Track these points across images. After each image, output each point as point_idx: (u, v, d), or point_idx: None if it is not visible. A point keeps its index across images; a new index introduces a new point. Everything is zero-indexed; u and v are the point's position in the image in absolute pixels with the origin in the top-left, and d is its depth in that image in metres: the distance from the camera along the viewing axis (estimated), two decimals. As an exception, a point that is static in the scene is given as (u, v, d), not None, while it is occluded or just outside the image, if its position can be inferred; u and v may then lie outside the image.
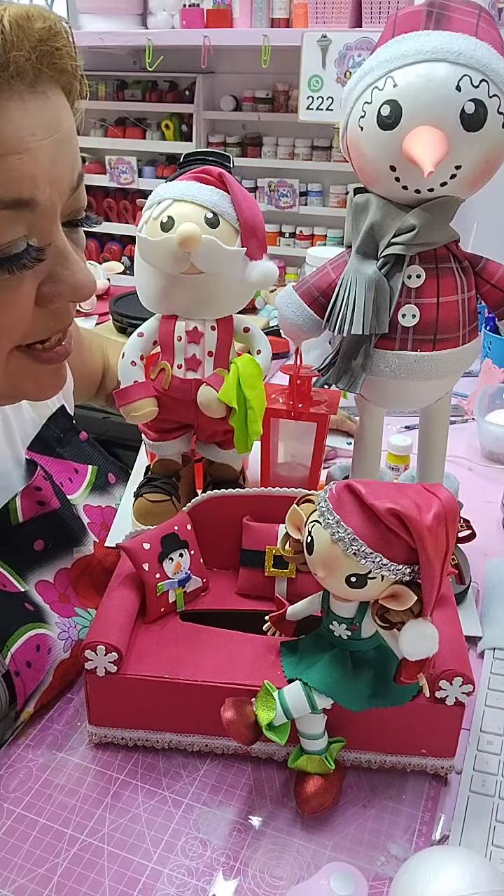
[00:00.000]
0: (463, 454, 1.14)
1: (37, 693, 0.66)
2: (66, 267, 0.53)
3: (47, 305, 0.54)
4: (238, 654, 0.64)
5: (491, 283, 0.70)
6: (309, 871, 0.55)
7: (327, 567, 0.53)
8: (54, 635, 0.67)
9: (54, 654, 0.67)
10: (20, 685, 0.63)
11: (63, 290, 0.53)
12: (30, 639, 0.65)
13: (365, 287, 0.66)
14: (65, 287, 0.53)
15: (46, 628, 0.67)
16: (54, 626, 0.68)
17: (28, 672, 0.64)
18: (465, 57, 0.59)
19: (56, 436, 0.81)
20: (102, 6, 1.92)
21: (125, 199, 2.17)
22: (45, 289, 0.53)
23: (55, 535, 0.73)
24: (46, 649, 0.66)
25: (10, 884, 0.54)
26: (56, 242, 0.52)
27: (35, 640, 0.65)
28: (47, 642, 0.66)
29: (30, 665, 0.64)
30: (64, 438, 0.82)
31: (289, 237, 2.02)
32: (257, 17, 1.77)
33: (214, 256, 0.66)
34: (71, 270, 0.53)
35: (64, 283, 0.53)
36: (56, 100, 0.50)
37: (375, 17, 1.61)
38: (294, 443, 0.90)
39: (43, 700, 0.67)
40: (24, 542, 0.70)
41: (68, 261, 0.53)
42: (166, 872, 0.55)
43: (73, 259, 0.53)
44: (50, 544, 0.72)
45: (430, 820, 0.59)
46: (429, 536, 0.50)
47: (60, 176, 0.50)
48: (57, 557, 0.73)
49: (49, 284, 0.53)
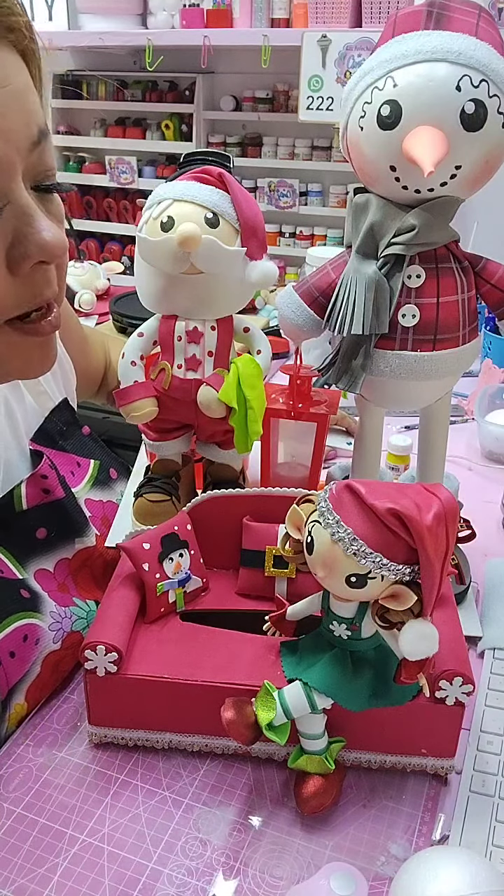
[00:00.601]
0: (463, 454, 1.14)
1: (23, 684, 0.65)
2: (31, 225, 0.51)
3: (18, 271, 0.52)
4: (238, 654, 0.64)
5: (491, 283, 0.70)
6: (309, 871, 0.55)
7: (327, 567, 0.53)
8: (45, 626, 0.67)
9: (42, 644, 0.67)
10: (2, 675, 0.63)
11: (31, 251, 0.51)
12: (17, 628, 0.65)
13: (365, 287, 0.66)
14: (32, 247, 0.51)
15: (37, 618, 0.67)
16: (47, 615, 0.68)
17: (11, 662, 0.64)
18: (465, 57, 0.59)
19: (59, 428, 0.81)
20: (102, 6, 1.92)
21: (125, 199, 2.17)
22: (13, 252, 0.51)
23: (58, 525, 0.73)
24: (34, 640, 0.66)
25: (10, 884, 0.54)
26: (17, 200, 0.50)
27: (23, 629, 0.65)
28: (36, 633, 0.66)
29: (13, 655, 0.64)
30: (66, 431, 0.82)
31: (289, 237, 2.02)
32: (257, 17, 1.77)
33: (214, 256, 0.66)
34: (35, 228, 0.51)
35: (30, 242, 0.51)
36: (4, 57, 0.49)
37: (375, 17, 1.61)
38: (294, 443, 0.90)
39: (37, 695, 0.67)
40: (27, 529, 0.71)
41: (33, 219, 0.51)
42: (166, 872, 0.55)
43: (37, 217, 0.51)
44: (52, 533, 0.72)
45: (430, 820, 0.59)
46: (429, 536, 0.50)
47: (12, 129, 0.48)
48: (59, 547, 0.73)
49: (16, 247, 0.51)
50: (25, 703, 0.66)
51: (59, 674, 0.70)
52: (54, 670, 0.69)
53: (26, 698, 0.66)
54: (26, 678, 0.66)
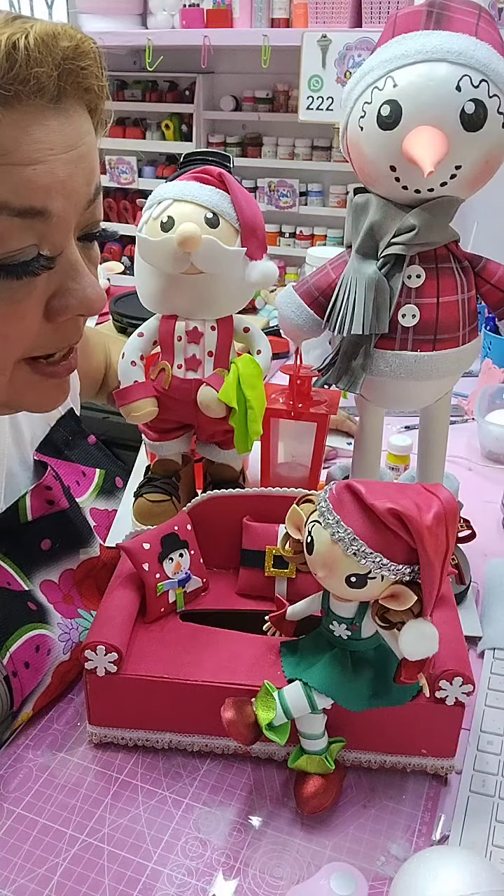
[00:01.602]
0: (463, 454, 1.14)
1: (34, 694, 0.66)
2: (77, 281, 0.53)
3: (56, 319, 0.54)
4: (238, 654, 0.64)
5: (491, 283, 0.70)
6: (309, 871, 0.55)
7: (327, 567, 0.53)
8: (55, 636, 0.67)
9: (54, 655, 0.67)
10: (17, 686, 0.63)
11: (72, 304, 0.53)
12: (30, 639, 0.65)
13: (365, 287, 0.66)
14: (74, 301, 0.53)
15: (47, 629, 0.67)
16: (56, 626, 0.68)
17: (26, 673, 0.64)
18: (466, 57, 0.59)
19: (64, 438, 0.81)
20: (102, 6, 1.92)
21: (125, 199, 2.17)
22: (55, 302, 0.53)
23: (62, 536, 0.73)
24: (46, 650, 0.66)
25: (10, 884, 0.54)
26: (68, 255, 0.52)
27: (35, 640, 0.65)
28: (47, 643, 0.66)
29: (28, 666, 0.64)
30: (72, 441, 0.82)
31: (289, 237, 2.02)
32: (257, 17, 1.77)
33: (214, 256, 0.66)
34: (81, 285, 0.53)
35: (73, 296, 0.53)
36: (77, 117, 0.50)
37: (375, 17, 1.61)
38: (294, 443, 0.90)
39: (42, 702, 0.67)
40: (32, 540, 0.70)
41: (79, 274, 0.53)
42: (166, 872, 0.55)
43: (83, 273, 0.53)
44: (57, 544, 0.72)
45: (430, 820, 0.59)
46: (429, 536, 0.50)
47: (75, 189, 0.50)
48: (63, 558, 0.73)
49: (59, 298, 0.53)
50: (32, 711, 0.66)
51: (66, 683, 0.70)
52: (62, 681, 0.69)
53: (34, 707, 0.66)
54: (38, 689, 0.66)
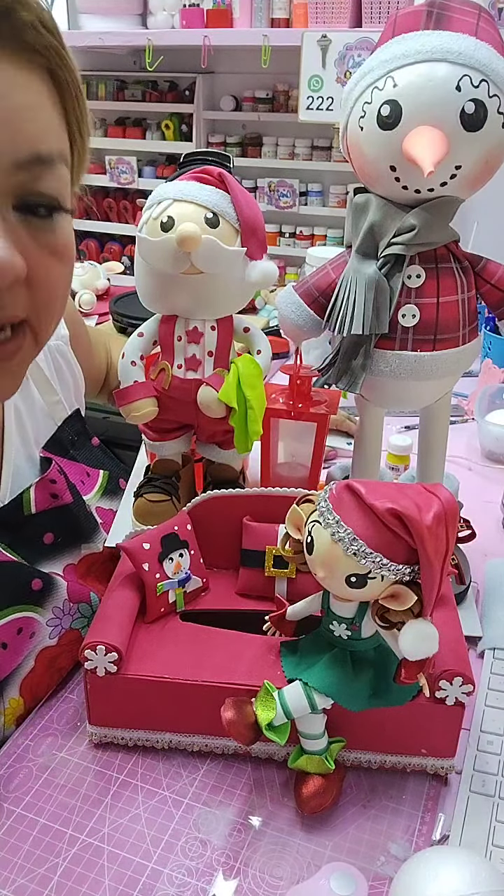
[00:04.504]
0: (463, 454, 1.14)
1: (15, 677, 0.66)
2: None
3: None
4: (238, 654, 0.64)
5: (491, 283, 0.70)
6: (309, 871, 0.55)
7: (327, 567, 0.53)
8: (43, 620, 0.68)
9: (37, 639, 0.67)
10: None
11: None
12: (13, 621, 0.65)
13: (365, 287, 0.66)
14: None
15: (37, 612, 0.67)
16: (49, 610, 0.68)
17: (3, 653, 0.64)
18: (466, 57, 0.59)
19: (70, 438, 0.81)
20: (102, 6, 1.92)
21: (125, 199, 2.17)
22: None
23: (65, 530, 0.73)
24: (29, 633, 0.66)
25: (10, 884, 0.54)
26: None
27: (18, 622, 0.65)
28: (31, 626, 0.66)
29: (5, 647, 0.64)
30: (77, 442, 0.83)
31: (289, 237, 2.02)
32: (257, 17, 1.77)
33: (214, 256, 0.66)
34: None
35: None
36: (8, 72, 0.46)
37: (375, 17, 1.61)
38: (294, 443, 0.90)
39: (33, 691, 0.67)
40: (35, 533, 0.71)
41: None
42: (166, 872, 0.55)
43: None
44: (59, 538, 0.73)
45: (430, 820, 0.59)
46: (429, 536, 0.50)
47: None
48: (65, 552, 0.74)
49: None
50: (21, 698, 0.66)
51: (57, 671, 0.70)
52: (49, 666, 0.69)
53: (21, 693, 0.66)
54: (19, 671, 0.66)
